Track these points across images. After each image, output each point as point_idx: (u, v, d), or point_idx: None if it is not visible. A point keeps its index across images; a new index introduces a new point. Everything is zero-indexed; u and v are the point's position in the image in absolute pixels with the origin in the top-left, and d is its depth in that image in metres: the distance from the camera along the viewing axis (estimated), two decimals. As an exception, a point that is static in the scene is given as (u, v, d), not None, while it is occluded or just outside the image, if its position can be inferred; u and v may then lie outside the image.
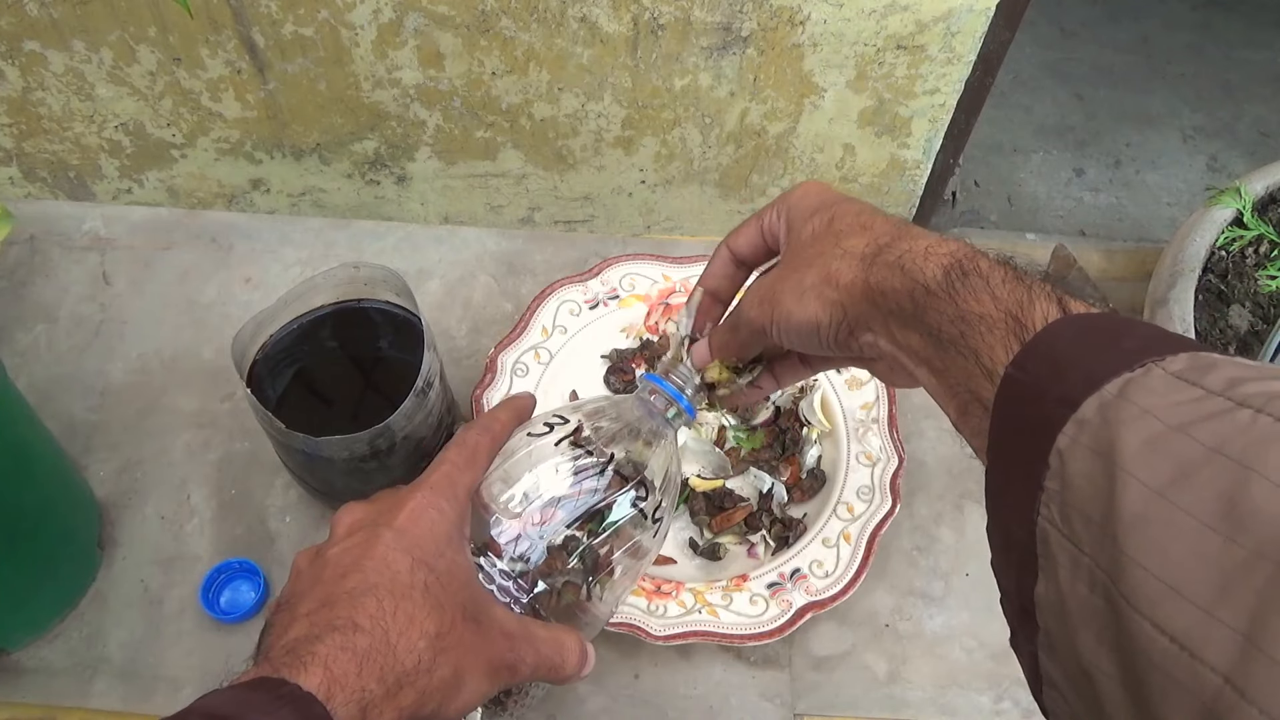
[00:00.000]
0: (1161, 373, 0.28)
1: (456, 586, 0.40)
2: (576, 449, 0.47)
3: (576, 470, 0.46)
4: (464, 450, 0.44)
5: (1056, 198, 1.99)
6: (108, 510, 0.67)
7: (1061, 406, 0.29)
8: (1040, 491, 0.29)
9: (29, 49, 1.14)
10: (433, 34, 1.12)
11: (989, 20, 1.11)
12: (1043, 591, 0.29)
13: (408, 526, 0.40)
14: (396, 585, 0.38)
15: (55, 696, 0.61)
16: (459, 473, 0.43)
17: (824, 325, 0.40)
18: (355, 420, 0.61)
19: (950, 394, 0.37)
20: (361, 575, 0.38)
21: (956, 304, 0.35)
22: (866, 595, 0.65)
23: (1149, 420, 0.27)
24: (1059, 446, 0.29)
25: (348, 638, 0.36)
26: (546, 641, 0.42)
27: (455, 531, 0.42)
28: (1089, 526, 0.27)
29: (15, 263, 0.79)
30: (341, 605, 0.37)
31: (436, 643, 0.37)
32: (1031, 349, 0.32)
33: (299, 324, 0.63)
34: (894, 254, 0.38)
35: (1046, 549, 0.29)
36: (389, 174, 1.32)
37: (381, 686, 0.35)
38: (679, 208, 1.37)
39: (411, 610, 0.37)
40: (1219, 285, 0.71)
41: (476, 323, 0.77)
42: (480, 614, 0.40)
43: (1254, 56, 2.26)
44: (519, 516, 0.44)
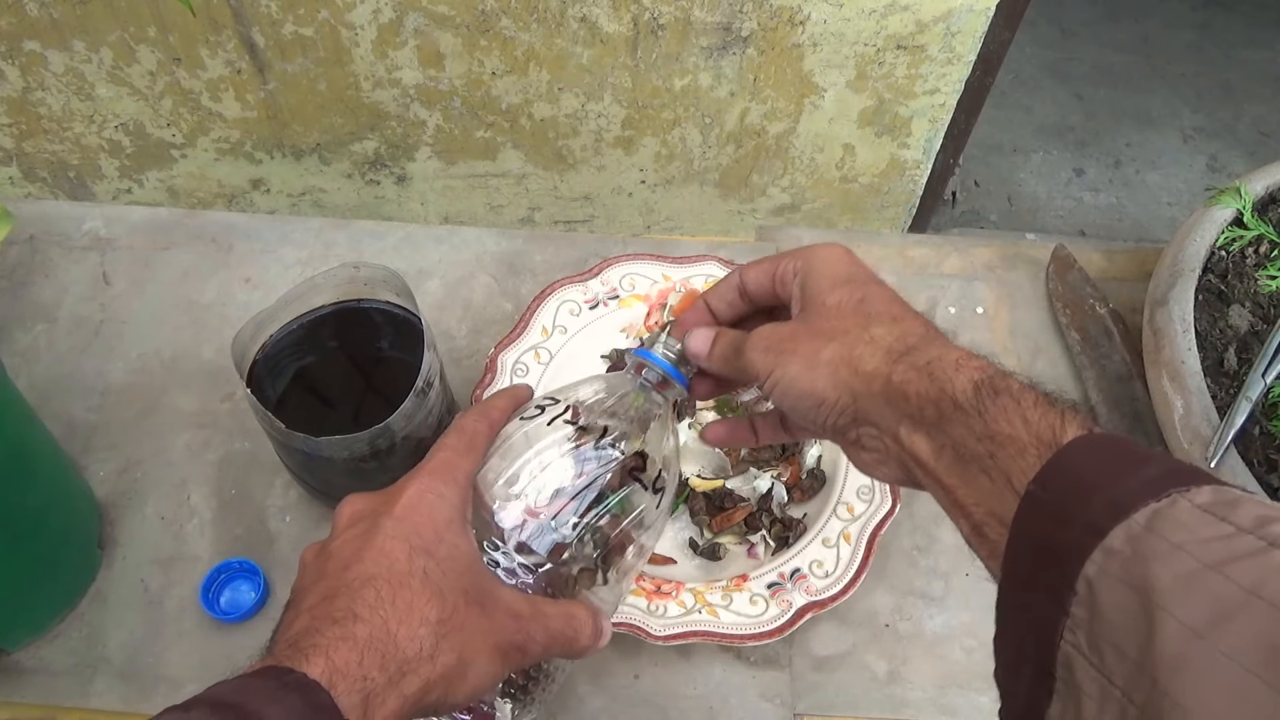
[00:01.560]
0: (1189, 505, 0.29)
1: (458, 571, 0.40)
2: (568, 426, 0.46)
3: (570, 448, 0.46)
4: (463, 436, 0.44)
5: (1056, 198, 2.00)
6: (108, 510, 0.67)
7: (1088, 533, 0.29)
8: (1065, 616, 0.29)
9: (29, 49, 1.14)
10: (433, 34, 1.12)
11: (989, 20, 1.11)
12: (1058, 715, 0.29)
13: (406, 514, 0.40)
14: (395, 574, 0.38)
15: (55, 696, 0.61)
16: (458, 458, 0.43)
17: (828, 404, 0.40)
18: (355, 420, 0.61)
19: (962, 510, 0.36)
20: (361, 566, 0.38)
21: (986, 422, 0.35)
22: (866, 595, 0.65)
23: (1183, 556, 0.27)
24: (1087, 574, 0.29)
25: (347, 628, 0.36)
26: (556, 617, 0.42)
27: (456, 516, 0.42)
28: (1123, 661, 0.27)
29: (15, 263, 0.79)
30: (341, 597, 0.37)
31: (438, 629, 0.37)
32: (1053, 467, 0.32)
33: (299, 324, 0.63)
34: (923, 358, 0.38)
35: (1070, 675, 0.29)
36: (389, 174, 1.32)
37: (384, 674, 0.35)
38: (679, 208, 1.37)
39: (411, 598, 0.37)
40: (1219, 285, 0.71)
41: (476, 323, 0.77)
42: (484, 597, 0.40)
43: (1254, 56, 2.26)
44: (518, 499, 0.44)
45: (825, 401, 0.40)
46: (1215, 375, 0.66)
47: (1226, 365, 0.66)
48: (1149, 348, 0.68)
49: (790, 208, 1.37)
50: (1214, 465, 0.60)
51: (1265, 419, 0.63)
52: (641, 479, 0.47)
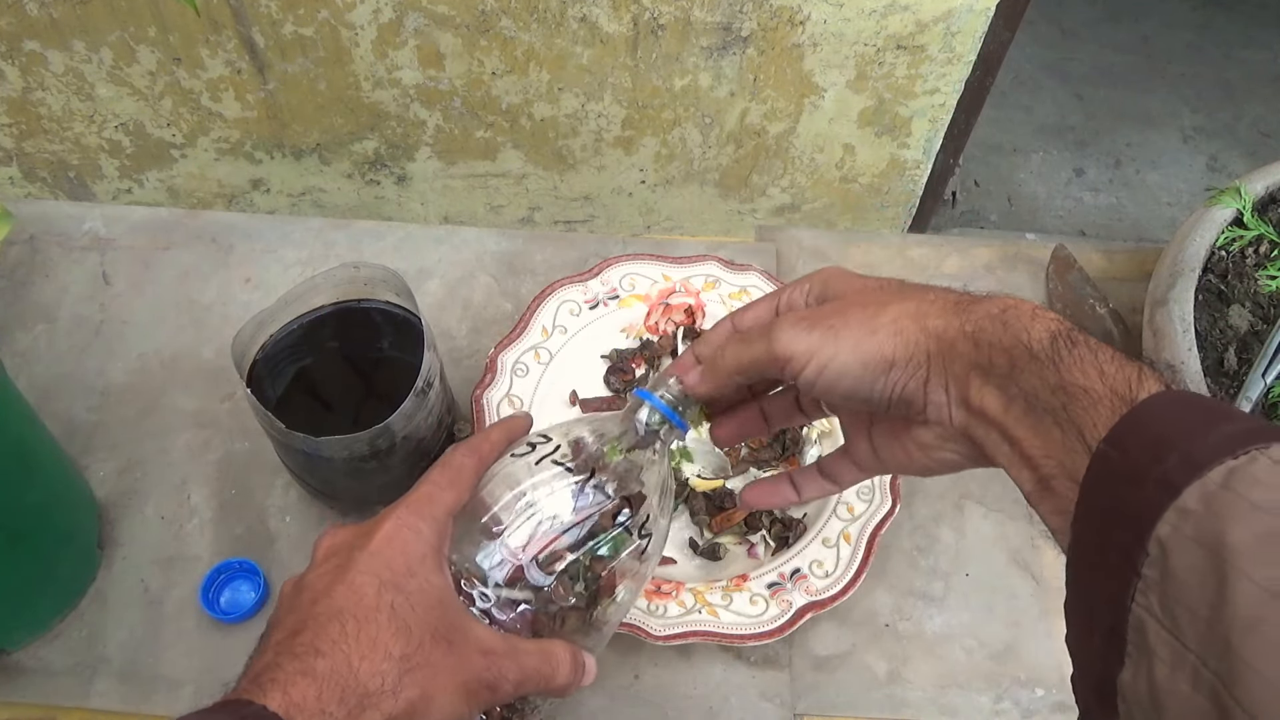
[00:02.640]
0: (1268, 462, 0.28)
1: (428, 606, 0.40)
2: (557, 468, 0.46)
3: (558, 490, 0.45)
4: (447, 470, 0.44)
5: (1056, 198, 2.00)
6: (108, 510, 0.67)
7: (1161, 492, 0.28)
8: (1136, 578, 0.28)
9: (29, 49, 1.14)
10: (433, 34, 1.12)
11: (989, 20, 1.11)
12: (1130, 680, 0.29)
13: (380, 549, 0.40)
14: (362, 608, 0.38)
15: (55, 696, 0.61)
16: (440, 492, 0.43)
17: (898, 365, 0.37)
18: (355, 420, 0.61)
19: (1029, 464, 0.35)
20: (330, 600, 0.38)
21: (1060, 373, 0.33)
22: (866, 595, 0.65)
23: (1260, 516, 0.26)
24: (1159, 534, 0.28)
25: (307, 663, 0.36)
26: (532, 655, 0.42)
27: (430, 552, 0.41)
28: (1195, 622, 0.27)
29: (15, 263, 0.79)
30: (307, 631, 0.37)
31: (402, 664, 0.37)
32: (1129, 424, 0.31)
33: (299, 324, 0.63)
34: (995, 306, 0.36)
35: (1142, 639, 0.28)
36: (389, 174, 1.32)
37: (343, 708, 0.35)
38: (679, 208, 1.37)
39: (376, 632, 0.37)
40: (1219, 285, 0.71)
41: (476, 323, 0.77)
42: (454, 633, 0.40)
43: (1254, 56, 2.26)
44: (500, 539, 0.44)
45: (895, 364, 0.37)
46: (1215, 375, 0.66)
47: (1226, 365, 0.66)
48: (1149, 348, 0.68)
49: (790, 208, 1.37)
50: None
51: (1266, 419, 0.63)
52: (628, 525, 0.46)
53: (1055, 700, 0.62)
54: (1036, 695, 0.63)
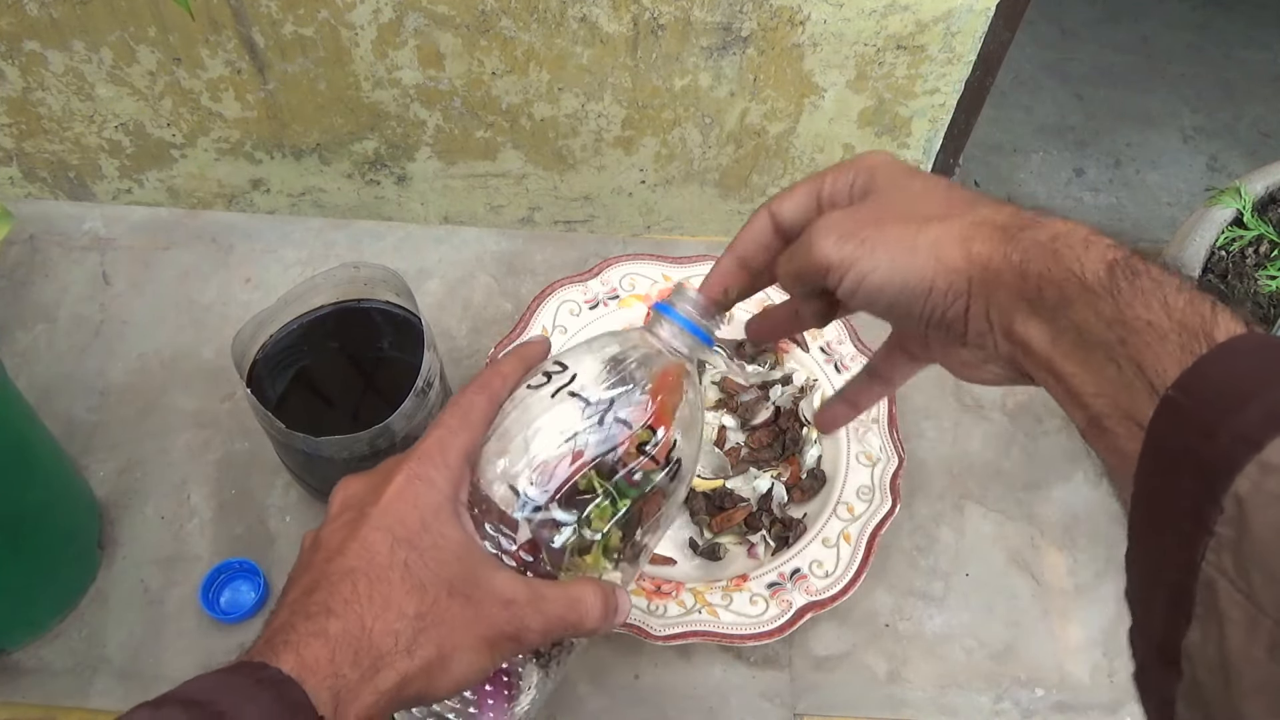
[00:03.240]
0: None
1: (443, 561, 0.39)
2: (573, 399, 0.43)
3: (574, 423, 0.42)
4: (457, 411, 0.42)
5: (1056, 198, 2.00)
6: (108, 510, 0.67)
7: (1240, 445, 0.26)
8: (1208, 535, 0.26)
9: (29, 49, 1.14)
10: (433, 34, 1.12)
11: (989, 20, 1.11)
12: (1197, 642, 0.27)
13: (391, 503, 0.39)
14: (374, 567, 0.37)
15: (55, 696, 0.61)
16: (451, 436, 0.41)
17: (937, 292, 0.35)
18: (355, 420, 0.61)
19: (1077, 402, 0.33)
20: (343, 559, 0.38)
21: (1119, 305, 0.31)
22: (866, 595, 0.65)
23: None
24: (1238, 491, 0.26)
25: (320, 623, 0.35)
26: (557, 600, 0.40)
27: (445, 502, 0.40)
28: (1273, 586, 0.25)
29: (15, 263, 0.79)
30: (320, 590, 0.37)
31: (416, 622, 0.37)
32: (1202, 370, 0.28)
33: (299, 324, 0.63)
34: (1045, 233, 0.34)
35: (1212, 599, 0.26)
36: (389, 174, 1.32)
37: (356, 670, 0.35)
38: (679, 208, 1.37)
39: (389, 591, 0.37)
40: (1219, 285, 0.71)
41: (476, 323, 0.77)
42: (472, 586, 0.39)
43: (1254, 56, 2.26)
44: (516, 479, 0.42)
45: (935, 289, 0.36)
46: (1215, 375, 0.65)
47: (1226, 365, 0.66)
48: (1149, 348, 0.68)
49: (790, 208, 1.37)
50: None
51: None
52: (653, 454, 0.43)
53: (1055, 700, 0.62)
54: (1036, 695, 0.63)
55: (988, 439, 0.72)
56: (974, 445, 0.72)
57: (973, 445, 0.72)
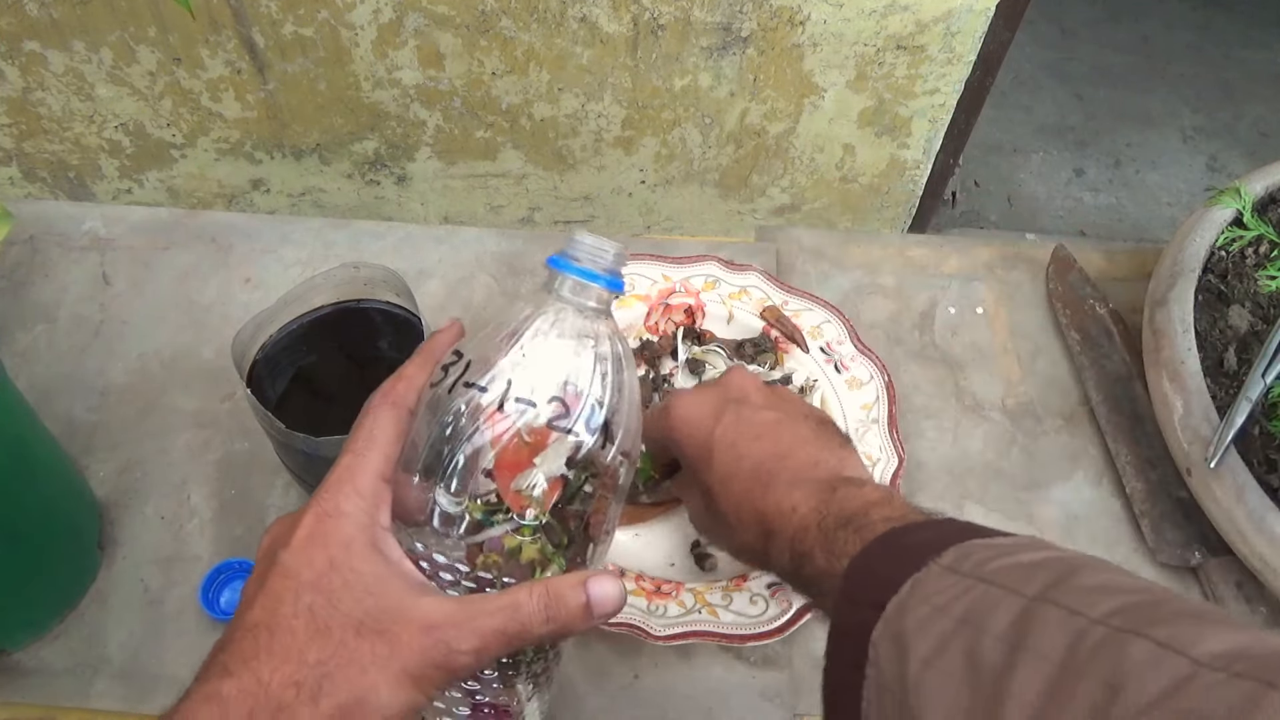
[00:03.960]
0: (937, 568, 0.36)
1: (353, 599, 0.37)
2: (470, 390, 0.40)
3: (476, 415, 0.39)
4: (361, 431, 0.40)
5: (1056, 198, 2.00)
6: (108, 510, 0.67)
7: (874, 609, 0.36)
8: (864, 679, 0.35)
9: (29, 49, 1.14)
10: (433, 34, 1.12)
11: (989, 20, 1.11)
12: None
13: (301, 546, 0.37)
14: (277, 618, 0.36)
15: (55, 696, 0.61)
16: (358, 460, 0.39)
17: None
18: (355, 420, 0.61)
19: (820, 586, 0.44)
20: (250, 613, 0.37)
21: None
22: (866, 595, 0.65)
23: (924, 607, 0.34)
24: (873, 639, 0.35)
25: (214, 686, 0.34)
26: (491, 614, 0.37)
27: (357, 533, 0.38)
28: (891, 698, 0.34)
29: (15, 263, 0.79)
30: (226, 650, 0.36)
31: (318, 669, 0.35)
32: (859, 562, 0.40)
33: (299, 324, 0.63)
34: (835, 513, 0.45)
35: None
36: (389, 174, 1.32)
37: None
38: (679, 208, 1.37)
39: (289, 642, 0.35)
40: (1219, 285, 0.71)
41: (477, 323, 0.77)
42: (388, 620, 0.36)
43: (1254, 56, 2.26)
44: (435, 484, 0.39)
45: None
46: (1215, 375, 0.66)
47: (1226, 365, 0.66)
48: (1149, 348, 0.68)
49: (790, 208, 1.37)
50: (1214, 465, 0.60)
51: (1265, 419, 0.63)
52: (566, 426, 0.39)
53: (1055, 700, 0.62)
54: (1036, 695, 0.63)
55: (988, 439, 0.72)
56: (974, 445, 0.72)
57: (973, 445, 0.72)
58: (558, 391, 0.40)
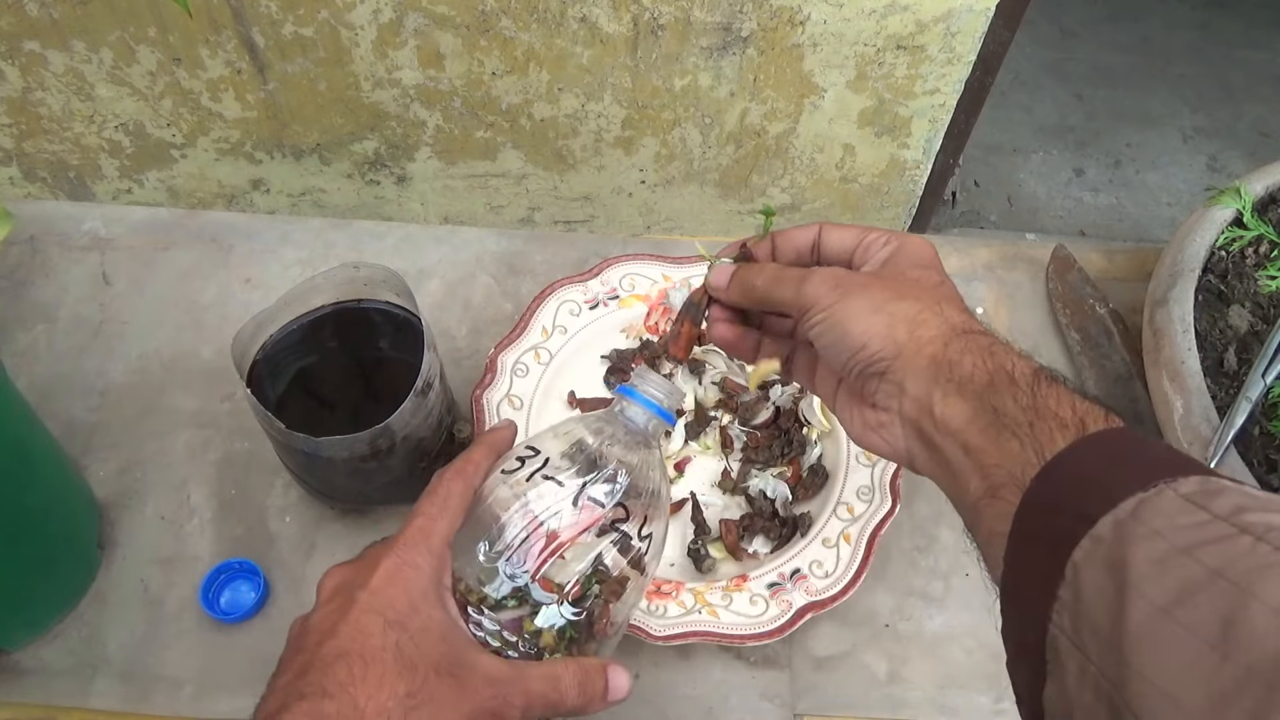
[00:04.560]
0: (1173, 495, 0.30)
1: (431, 642, 0.40)
2: (547, 482, 0.46)
3: (549, 504, 0.45)
4: (436, 499, 0.45)
5: (1056, 198, 1.99)
6: (108, 510, 0.67)
7: (1080, 521, 0.31)
8: (1054, 600, 0.31)
9: (29, 49, 1.14)
10: (433, 34, 1.12)
11: (989, 20, 1.11)
12: (1051, 695, 0.31)
13: (381, 587, 0.41)
14: (368, 649, 0.39)
15: (55, 696, 0.61)
16: (432, 523, 0.44)
17: (869, 351, 0.41)
18: (355, 420, 0.61)
19: (982, 473, 0.37)
20: (335, 641, 0.39)
21: (1035, 397, 0.36)
22: (866, 595, 0.65)
23: (1158, 541, 0.29)
24: (1075, 559, 0.31)
25: (316, 704, 0.36)
26: (538, 680, 0.42)
27: (430, 586, 0.42)
28: (1096, 637, 0.29)
29: (15, 263, 0.79)
30: (314, 672, 0.38)
31: (406, 701, 0.38)
32: (1055, 465, 0.34)
33: (299, 324, 0.63)
34: (986, 341, 0.40)
35: (1056, 655, 0.31)
36: (389, 174, 1.32)
37: None
38: (679, 208, 1.37)
39: (382, 672, 0.38)
40: (1219, 285, 0.71)
41: (476, 323, 0.77)
42: (458, 666, 0.41)
43: (1254, 56, 2.26)
44: (496, 562, 0.44)
45: (868, 348, 0.41)
46: (1215, 375, 0.66)
47: (1226, 365, 0.66)
48: (1149, 348, 0.68)
49: (790, 208, 1.37)
50: (1214, 465, 0.60)
51: (1265, 419, 0.63)
52: (625, 530, 0.46)
53: (1055, 700, 0.62)
54: (1036, 695, 0.63)
55: (988, 439, 0.72)
56: (974, 445, 0.72)
57: (973, 445, 0.72)
58: (622, 499, 0.46)
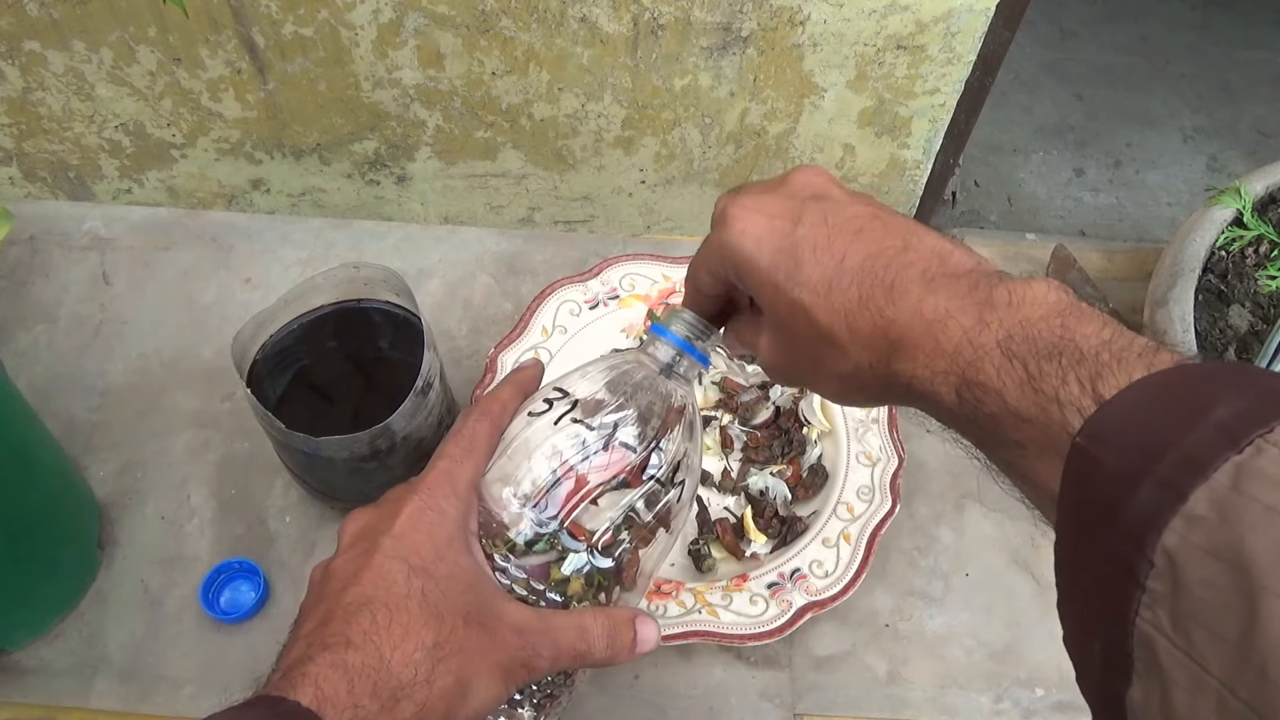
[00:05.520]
0: (1277, 453, 0.24)
1: (458, 590, 0.38)
2: (576, 425, 0.43)
3: (578, 449, 0.43)
4: (461, 440, 0.42)
5: (1056, 198, 1.99)
6: (108, 510, 0.67)
7: (1165, 496, 0.25)
8: (1140, 590, 0.25)
9: (29, 49, 1.14)
10: (433, 34, 1.11)
11: (989, 20, 1.11)
12: (1142, 700, 0.26)
13: (405, 532, 0.39)
14: (392, 597, 0.37)
15: (55, 696, 0.61)
16: (457, 466, 0.41)
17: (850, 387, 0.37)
18: (355, 420, 0.61)
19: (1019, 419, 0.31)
20: (359, 588, 0.37)
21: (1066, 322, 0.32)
22: (866, 595, 0.65)
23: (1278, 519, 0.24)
24: (1167, 545, 0.25)
25: (339, 655, 0.35)
26: (566, 630, 0.40)
27: (456, 531, 0.40)
28: (1218, 645, 0.24)
29: (15, 263, 0.79)
30: (337, 621, 0.36)
31: (435, 652, 0.37)
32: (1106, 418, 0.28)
33: (299, 324, 0.63)
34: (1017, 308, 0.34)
35: (1152, 657, 0.25)
36: (389, 174, 1.32)
37: (375, 702, 0.35)
38: (679, 208, 1.37)
39: (407, 621, 0.37)
40: (1219, 285, 0.70)
41: (476, 323, 0.77)
42: (486, 615, 0.39)
43: (1254, 56, 2.26)
44: (523, 507, 0.42)
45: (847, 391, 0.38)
46: (1215, 375, 0.65)
47: (1226, 365, 0.66)
48: (1149, 348, 0.68)
49: (790, 208, 1.37)
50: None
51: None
52: (659, 475, 0.44)
53: (1055, 700, 0.62)
54: (1036, 695, 0.63)
55: (988, 439, 0.72)
56: (974, 445, 0.72)
57: (973, 445, 0.72)
58: (654, 443, 0.44)
